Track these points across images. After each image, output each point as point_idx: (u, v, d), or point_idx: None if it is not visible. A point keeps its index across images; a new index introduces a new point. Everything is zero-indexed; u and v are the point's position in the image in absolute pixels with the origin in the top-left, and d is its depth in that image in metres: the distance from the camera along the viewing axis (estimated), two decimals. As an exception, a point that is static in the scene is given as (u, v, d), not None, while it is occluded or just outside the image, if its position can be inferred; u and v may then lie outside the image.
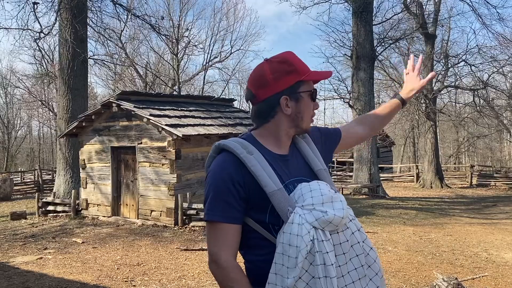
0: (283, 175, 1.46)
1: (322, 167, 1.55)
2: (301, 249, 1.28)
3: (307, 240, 1.28)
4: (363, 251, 1.37)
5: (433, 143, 19.81)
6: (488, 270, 6.15)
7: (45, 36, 15.01)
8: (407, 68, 2.02)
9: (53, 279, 5.81)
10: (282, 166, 1.49)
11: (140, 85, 28.94)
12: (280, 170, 1.47)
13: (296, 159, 1.55)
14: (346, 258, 1.34)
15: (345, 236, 1.34)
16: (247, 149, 1.46)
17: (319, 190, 1.38)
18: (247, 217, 1.44)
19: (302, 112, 1.54)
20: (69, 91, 13.12)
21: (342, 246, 1.33)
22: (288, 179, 1.46)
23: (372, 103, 13.28)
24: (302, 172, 1.52)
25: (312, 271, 1.28)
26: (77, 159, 11.86)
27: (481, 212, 12.15)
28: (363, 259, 1.36)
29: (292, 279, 1.29)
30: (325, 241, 1.30)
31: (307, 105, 1.55)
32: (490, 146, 35.65)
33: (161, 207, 9.70)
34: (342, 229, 1.34)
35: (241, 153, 1.44)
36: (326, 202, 1.34)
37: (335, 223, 1.31)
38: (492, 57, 18.99)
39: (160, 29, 16.88)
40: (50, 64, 26.13)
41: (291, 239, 1.30)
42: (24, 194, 18.93)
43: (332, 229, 1.32)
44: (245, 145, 1.48)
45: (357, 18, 13.01)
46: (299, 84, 1.51)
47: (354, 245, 1.36)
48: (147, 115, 9.47)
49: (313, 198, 1.35)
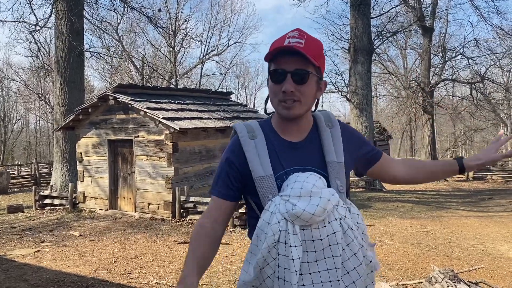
0: (286, 162, 1.46)
1: (335, 159, 1.46)
2: (268, 236, 1.31)
3: (275, 229, 1.30)
4: (340, 254, 1.28)
5: (430, 136, 19.85)
6: (484, 262, 6.19)
7: (40, 28, 14.92)
8: (495, 137, 1.75)
9: (51, 272, 5.81)
10: (288, 153, 1.48)
11: (137, 78, 28.82)
12: (283, 157, 1.47)
13: (310, 148, 1.49)
14: (318, 256, 1.29)
15: (320, 234, 1.28)
16: (251, 132, 1.50)
17: (302, 183, 1.34)
18: (248, 197, 1.52)
19: (270, 95, 1.49)
20: (66, 84, 13.06)
21: (315, 243, 1.28)
22: (290, 167, 1.45)
23: (370, 96, 13.27)
24: (311, 161, 1.46)
25: (279, 261, 1.30)
26: (74, 152, 11.83)
27: (477, 205, 12.20)
28: (339, 262, 1.28)
29: (255, 263, 1.34)
30: (292, 235, 1.27)
31: (271, 87, 1.46)
32: (487, 139, 35.72)
33: (158, 200, 9.70)
34: (318, 226, 1.28)
35: (242, 137, 1.50)
36: (304, 195, 1.30)
37: (304, 218, 1.27)
38: (490, 50, 19.00)
39: (157, 21, 16.80)
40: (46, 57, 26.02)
41: (263, 225, 1.35)
42: (21, 188, 18.90)
43: (302, 224, 1.28)
44: (252, 128, 1.52)
45: (355, 11, 12.96)
46: (269, 65, 1.48)
47: (332, 245, 1.28)
48: (144, 108, 9.44)
49: (292, 190, 1.33)
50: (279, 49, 1.41)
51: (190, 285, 1.38)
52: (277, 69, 1.42)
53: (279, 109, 1.45)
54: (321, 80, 1.50)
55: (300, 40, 1.41)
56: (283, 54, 1.41)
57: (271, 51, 1.43)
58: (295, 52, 1.40)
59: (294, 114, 1.44)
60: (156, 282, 5.31)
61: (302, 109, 1.46)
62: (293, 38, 1.41)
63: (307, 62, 1.41)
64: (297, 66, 1.40)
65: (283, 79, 1.41)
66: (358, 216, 1.40)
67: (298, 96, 1.42)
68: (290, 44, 1.39)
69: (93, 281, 5.41)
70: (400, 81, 23.11)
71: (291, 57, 1.40)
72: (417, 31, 20.75)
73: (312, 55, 1.40)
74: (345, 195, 1.44)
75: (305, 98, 1.44)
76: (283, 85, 1.41)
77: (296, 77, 1.40)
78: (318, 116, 1.57)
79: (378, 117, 31.57)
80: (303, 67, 1.41)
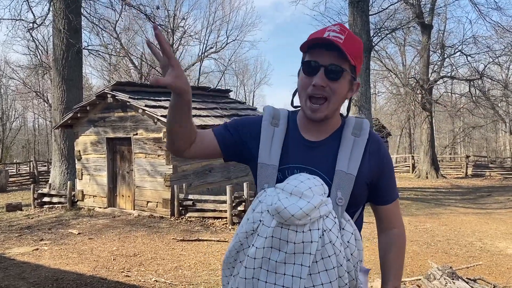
0: (293, 158, 1.42)
1: (345, 170, 1.36)
2: (248, 222, 1.32)
3: (257, 218, 1.30)
4: (309, 265, 1.22)
5: (429, 133, 19.84)
6: (482, 259, 6.20)
7: (38, 26, 14.90)
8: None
9: (49, 270, 5.81)
10: (299, 150, 1.43)
11: (136, 76, 28.77)
12: (293, 152, 1.43)
13: (324, 150, 1.42)
14: (287, 259, 1.24)
15: (295, 237, 1.23)
16: (275, 119, 1.49)
17: (300, 182, 1.30)
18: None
19: (299, 87, 1.42)
20: (64, 82, 13.03)
21: (288, 245, 1.24)
22: (295, 163, 1.41)
23: (369, 93, 13.24)
24: (319, 164, 1.39)
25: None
26: (73, 150, 11.82)
27: (476, 202, 12.22)
28: (305, 273, 1.22)
29: (232, 245, 1.36)
30: (265, 226, 1.27)
31: (302, 79, 1.39)
32: (485, 136, 35.80)
33: (157, 198, 9.69)
34: (297, 229, 1.23)
35: (264, 120, 1.49)
36: (294, 194, 1.27)
37: (283, 216, 1.23)
38: (488, 47, 18.97)
39: (155, 19, 16.74)
40: (44, 54, 25.93)
41: (249, 211, 1.35)
42: (19, 186, 18.88)
43: (281, 221, 1.24)
44: (276, 115, 1.50)
45: (353, 8, 12.93)
46: (304, 56, 1.42)
47: (305, 254, 1.23)
48: (143, 106, 9.42)
49: (287, 185, 1.31)
50: (316, 40, 1.35)
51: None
52: (311, 61, 1.36)
53: (305, 107, 1.39)
54: (354, 81, 1.43)
55: (340, 35, 1.35)
56: (320, 47, 1.36)
57: (308, 41, 1.37)
58: (332, 46, 1.34)
59: (319, 117, 1.38)
60: (155, 280, 5.31)
61: (329, 110, 1.38)
62: (333, 32, 1.35)
63: (344, 58, 1.34)
64: (332, 61, 1.34)
65: (316, 72, 1.35)
66: (351, 235, 1.32)
67: (328, 92, 1.36)
68: (329, 37, 1.33)
69: (92, 279, 5.41)
70: (399, 78, 23.08)
71: (328, 51, 1.34)
72: (416, 28, 20.71)
73: (350, 53, 1.34)
74: (343, 209, 1.34)
75: (335, 97, 1.37)
76: (314, 79, 1.35)
77: (329, 72, 1.34)
78: (349, 121, 1.47)
79: (377, 115, 31.57)
80: (338, 62, 1.34)
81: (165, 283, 5.21)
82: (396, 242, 1.52)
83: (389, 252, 1.51)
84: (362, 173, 1.39)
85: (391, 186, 1.50)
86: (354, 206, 1.41)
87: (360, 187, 1.40)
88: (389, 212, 1.52)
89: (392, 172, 1.51)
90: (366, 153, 1.42)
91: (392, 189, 1.51)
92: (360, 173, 1.38)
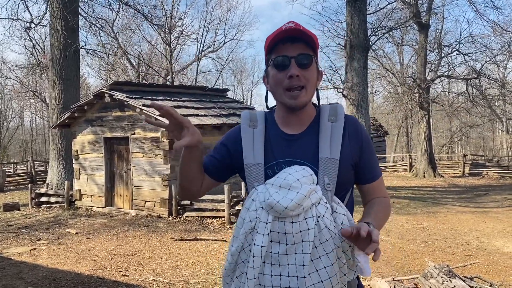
0: (278, 153, 1.46)
1: (328, 155, 1.41)
2: (245, 222, 1.35)
3: (252, 216, 1.33)
4: (310, 251, 1.27)
5: (426, 132, 19.88)
6: (479, 257, 6.23)
7: (35, 26, 14.87)
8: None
9: (47, 270, 5.81)
10: (283, 145, 1.48)
11: (133, 75, 28.72)
12: (277, 148, 1.48)
13: (306, 141, 1.47)
14: (288, 250, 1.29)
15: (292, 228, 1.28)
16: (252, 121, 1.54)
17: (288, 174, 1.35)
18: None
19: (272, 85, 1.48)
20: (61, 81, 13.01)
21: (287, 236, 1.28)
22: (282, 158, 1.45)
23: (366, 93, 13.26)
24: (304, 154, 1.44)
25: (250, 247, 1.33)
26: (70, 150, 11.80)
27: (473, 201, 12.26)
28: (307, 260, 1.27)
29: (234, 248, 1.37)
30: (263, 223, 1.30)
31: (274, 76, 1.45)
32: (482, 135, 35.90)
33: (155, 197, 9.69)
34: (292, 220, 1.28)
35: (242, 124, 1.57)
36: (284, 187, 1.31)
37: (277, 210, 1.28)
38: (485, 46, 19.03)
39: (152, 18, 16.75)
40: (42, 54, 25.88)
41: (243, 211, 1.39)
42: (17, 186, 18.84)
43: (276, 215, 1.29)
44: (253, 118, 1.56)
45: (351, 7, 12.94)
46: (268, 57, 1.48)
47: (304, 242, 1.28)
48: (140, 105, 9.42)
49: (276, 179, 1.35)
50: (280, 35, 1.41)
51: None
52: (280, 56, 1.42)
53: (284, 98, 1.44)
54: (318, 68, 1.51)
55: (297, 27, 1.42)
56: (283, 43, 1.42)
57: (272, 38, 1.43)
58: (295, 38, 1.41)
59: (301, 102, 1.43)
60: (152, 279, 5.31)
61: (307, 97, 1.44)
62: (290, 27, 1.42)
63: (308, 47, 1.43)
64: (300, 51, 1.41)
65: (287, 65, 1.41)
66: (343, 216, 1.35)
67: (303, 81, 1.41)
68: (288, 27, 1.41)
69: (90, 278, 5.41)
70: (396, 77, 23.12)
71: (292, 44, 1.41)
72: (413, 28, 20.74)
73: (310, 41, 1.43)
74: (332, 193, 1.38)
75: (309, 84, 1.43)
76: (289, 71, 1.40)
77: (300, 62, 1.41)
78: (324, 108, 1.53)
79: (374, 114, 31.62)
80: (305, 51, 1.42)
81: (163, 282, 5.21)
82: (377, 203, 1.52)
83: (371, 206, 1.51)
84: (345, 156, 1.44)
85: (373, 164, 1.53)
86: (343, 189, 1.45)
87: (345, 169, 1.44)
88: (373, 189, 1.55)
89: (373, 150, 1.54)
90: (346, 136, 1.47)
91: (374, 167, 1.54)
92: (343, 156, 1.43)
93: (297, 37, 1.41)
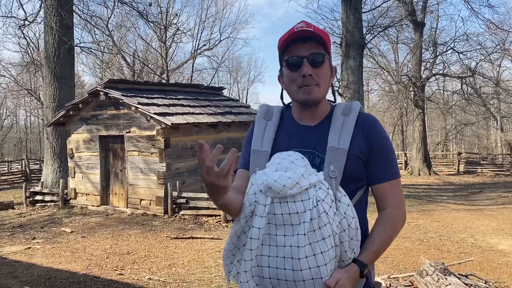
0: (293, 143, 1.51)
1: (336, 145, 1.43)
2: (245, 206, 1.37)
3: (252, 200, 1.35)
4: (305, 233, 1.27)
5: (421, 130, 19.94)
6: (474, 255, 6.26)
7: (29, 23, 14.77)
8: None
9: (42, 269, 5.78)
10: (298, 136, 1.52)
11: (128, 73, 28.61)
12: (293, 138, 1.52)
13: (320, 132, 1.50)
14: (286, 231, 1.30)
15: (288, 208, 1.29)
16: (269, 115, 1.60)
17: (281, 159, 1.39)
18: None
19: (287, 84, 1.53)
20: (56, 79, 12.94)
21: (284, 217, 1.30)
22: (296, 148, 1.49)
23: (361, 91, 13.27)
24: (317, 145, 1.47)
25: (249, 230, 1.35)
26: (65, 148, 11.75)
27: (467, 198, 12.32)
28: (302, 241, 1.27)
29: (233, 231, 1.40)
30: (261, 205, 1.32)
31: (287, 75, 1.50)
32: (477, 133, 36.04)
33: (150, 196, 9.67)
34: (288, 200, 1.29)
35: (257, 116, 1.62)
36: (280, 170, 1.35)
37: (275, 189, 1.28)
38: (480, 44, 19.11)
39: (148, 16, 16.66)
40: (36, 52, 25.71)
41: (245, 195, 1.41)
42: (11, 184, 18.73)
43: (274, 195, 1.29)
44: (269, 111, 1.62)
45: (346, 6, 12.94)
46: (282, 57, 1.53)
47: (300, 224, 1.28)
48: (135, 104, 9.39)
49: (271, 165, 1.40)
50: (292, 36, 1.45)
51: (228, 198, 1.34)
52: (292, 57, 1.46)
53: (299, 95, 1.48)
54: (331, 65, 1.55)
55: (308, 28, 1.45)
56: (295, 43, 1.46)
57: (284, 39, 1.46)
58: (307, 38, 1.45)
59: (315, 98, 1.46)
60: (148, 278, 5.30)
61: (321, 93, 1.48)
62: (302, 28, 1.45)
63: (320, 46, 1.46)
64: (312, 50, 1.45)
65: (300, 65, 1.45)
66: (347, 207, 1.35)
67: (316, 80, 1.45)
68: (299, 29, 1.44)
69: (85, 277, 5.39)
70: (392, 75, 23.18)
71: (304, 44, 1.45)
72: (408, 26, 20.78)
73: (321, 39, 1.46)
74: (337, 181, 1.38)
75: (323, 82, 1.47)
76: (301, 70, 1.44)
77: (313, 61, 1.45)
78: (339, 105, 1.56)
79: (369, 112, 31.46)
80: (317, 50, 1.46)
81: (159, 281, 5.20)
82: (382, 222, 1.47)
83: (372, 231, 1.48)
84: (354, 148, 1.44)
85: (384, 164, 1.48)
86: (352, 182, 1.44)
87: (353, 161, 1.43)
88: (383, 192, 1.49)
89: (386, 149, 1.49)
90: (359, 130, 1.48)
91: (385, 167, 1.48)
92: (352, 147, 1.44)
93: (309, 37, 1.45)
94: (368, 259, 1.39)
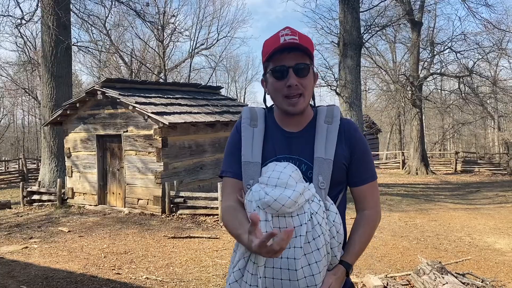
0: (279, 150, 1.53)
1: (323, 156, 1.48)
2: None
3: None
4: (302, 246, 1.33)
5: (418, 130, 19.97)
6: (471, 254, 6.27)
7: (26, 22, 14.72)
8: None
9: (39, 268, 5.77)
10: (283, 142, 1.55)
11: (126, 72, 28.57)
12: (278, 145, 1.55)
13: (304, 139, 1.54)
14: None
15: (286, 223, 1.35)
16: (254, 121, 1.60)
17: (279, 173, 1.41)
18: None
19: (271, 92, 1.55)
20: (53, 78, 12.90)
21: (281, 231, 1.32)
22: (282, 154, 1.52)
23: (359, 90, 13.29)
24: (303, 152, 1.51)
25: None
26: (62, 147, 11.72)
27: (465, 197, 12.35)
28: (299, 253, 1.33)
29: (240, 252, 1.43)
30: (264, 221, 1.35)
31: (273, 84, 1.51)
32: (474, 133, 36.10)
33: (148, 195, 9.66)
34: (285, 216, 1.35)
35: (242, 123, 1.61)
36: (280, 186, 1.37)
37: (274, 208, 1.34)
38: (477, 44, 19.13)
39: (145, 15, 16.64)
40: (33, 51, 25.66)
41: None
42: (8, 184, 18.68)
43: (273, 212, 1.35)
44: (254, 116, 1.62)
45: (344, 5, 12.94)
46: (267, 65, 1.55)
47: (297, 237, 1.34)
48: (133, 103, 9.37)
49: (269, 179, 1.41)
50: (278, 48, 1.46)
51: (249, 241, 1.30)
52: (278, 66, 1.48)
53: (283, 105, 1.51)
54: (314, 72, 1.58)
55: (294, 37, 1.47)
56: (281, 52, 1.48)
57: (270, 51, 1.48)
58: (292, 48, 1.47)
59: (300, 109, 1.50)
60: (145, 277, 5.30)
61: (306, 103, 1.51)
62: (287, 36, 1.47)
63: (304, 55, 1.49)
64: (297, 60, 1.47)
65: (285, 74, 1.47)
66: (335, 214, 1.44)
67: (301, 89, 1.48)
68: (286, 41, 1.46)
69: (82, 277, 5.38)
70: (389, 75, 23.18)
71: (289, 53, 1.47)
72: (406, 25, 20.81)
73: (305, 49, 1.49)
74: (325, 192, 1.46)
75: (307, 91, 1.50)
76: (287, 81, 1.47)
77: (298, 71, 1.47)
78: (321, 110, 1.60)
79: (367, 111, 31.71)
80: (302, 61, 1.48)
81: (156, 280, 5.20)
82: (363, 224, 1.58)
83: (354, 232, 1.57)
84: (338, 156, 1.51)
85: (364, 168, 1.58)
86: (336, 188, 1.53)
87: (338, 169, 1.51)
88: (362, 194, 1.59)
89: (366, 154, 1.58)
90: (341, 137, 1.54)
91: (365, 171, 1.58)
92: (337, 156, 1.50)
93: (294, 47, 1.47)
94: (352, 260, 1.51)
